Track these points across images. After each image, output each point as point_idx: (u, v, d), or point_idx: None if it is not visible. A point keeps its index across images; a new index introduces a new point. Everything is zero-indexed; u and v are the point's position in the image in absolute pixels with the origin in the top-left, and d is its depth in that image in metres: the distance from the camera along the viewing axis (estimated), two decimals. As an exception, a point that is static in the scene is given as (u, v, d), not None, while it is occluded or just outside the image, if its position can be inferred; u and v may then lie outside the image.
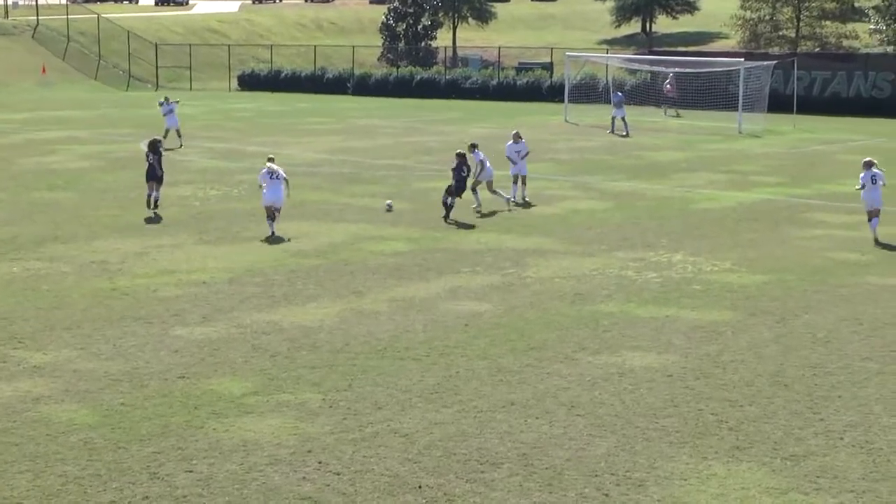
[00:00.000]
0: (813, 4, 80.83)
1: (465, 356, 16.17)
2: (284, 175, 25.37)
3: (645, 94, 60.00)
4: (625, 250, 23.78)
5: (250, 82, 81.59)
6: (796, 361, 15.98)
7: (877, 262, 22.91)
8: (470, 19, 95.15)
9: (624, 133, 48.16)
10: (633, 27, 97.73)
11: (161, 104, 43.71)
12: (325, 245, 24.13)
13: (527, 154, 30.45)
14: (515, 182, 30.24)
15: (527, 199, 30.00)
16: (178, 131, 43.03)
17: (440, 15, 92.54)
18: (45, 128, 49.56)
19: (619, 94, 51.06)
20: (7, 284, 20.26)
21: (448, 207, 27.17)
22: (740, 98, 50.94)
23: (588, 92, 59.05)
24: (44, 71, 76.62)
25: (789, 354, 16.32)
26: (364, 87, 76.02)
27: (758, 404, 14.15)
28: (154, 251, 23.29)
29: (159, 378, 15.00)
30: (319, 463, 12.19)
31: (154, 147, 28.09)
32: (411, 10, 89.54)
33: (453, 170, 27.47)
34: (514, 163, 30.22)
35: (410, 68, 78.69)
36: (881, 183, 24.95)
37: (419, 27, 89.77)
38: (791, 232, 26.13)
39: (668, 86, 57.41)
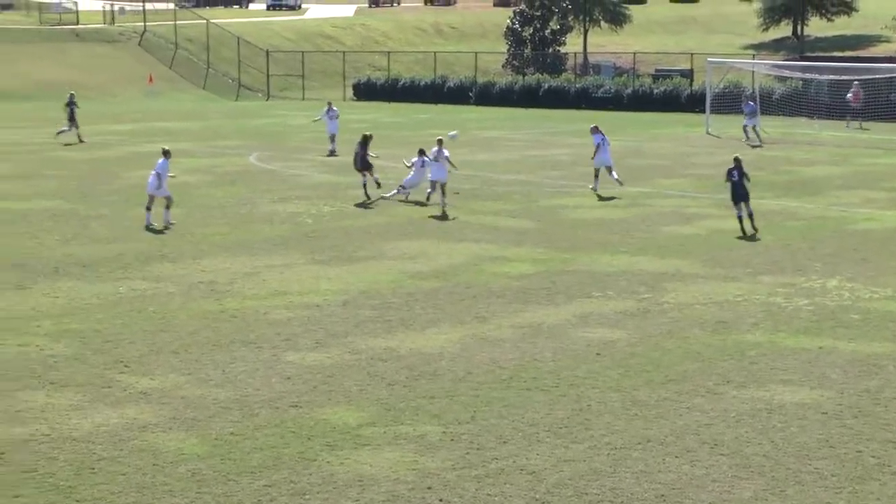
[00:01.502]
0: None
1: (597, 388, 16.12)
2: (447, 155, 31.32)
3: (796, 103, 59.17)
4: (773, 275, 23.46)
5: (366, 91, 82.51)
6: (967, 400, 15.58)
7: None
8: (602, 23, 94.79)
9: (757, 143, 48.13)
10: (783, 30, 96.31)
11: (327, 111, 46.94)
12: (444, 266, 24.28)
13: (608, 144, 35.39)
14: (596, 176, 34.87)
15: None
16: (332, 137, 46.06)
17: (570, 19, 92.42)
18: (150, 139, 50.80)
19: (752, 103, 50.80)
20: (113, 305, 20.81)
21: (740, 220, 27.93)
22: (903, 107, 49.94)
23: (732, 101, 58.40)
24: (150, 80, 78.63)
25: (959, 392, 15.92)
26: (487, 96, 76.32)
27: (923, 446, 13.83)
28: (264, 271, 23.71)
29: (270, 406, 15.26)
30: (440, 501, 12.27)
31: (365, 140, 33.60)
32: (539, 14, 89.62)
33: (728, 173, 28.31)
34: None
35: (537, 76, 78.77)
36: None
37: (547, 32, 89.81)
38: (960, 256, 25.50)
39: (850, 95, 56.56)
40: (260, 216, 30.56)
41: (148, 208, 28.89)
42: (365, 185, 33.55)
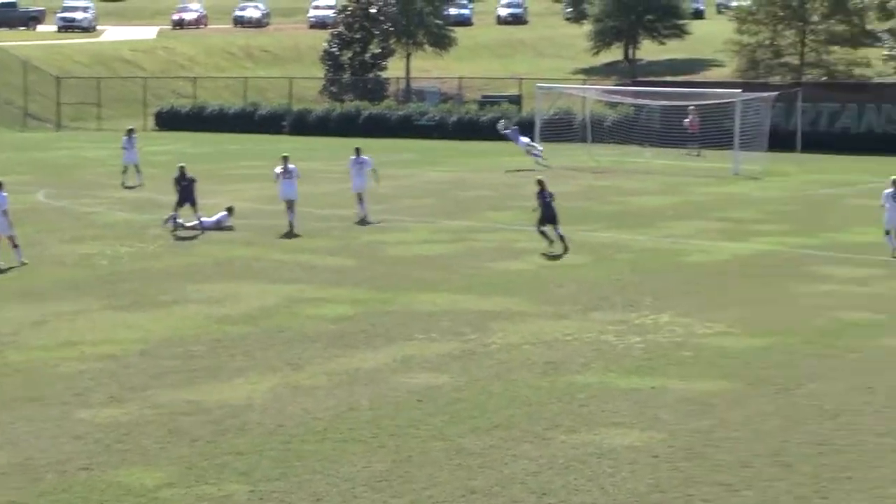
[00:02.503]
0: (819, 28, 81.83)
1: (419, 437, 16.18)
2: (298, 173, 34.86)
3: (627, 130, 60.53)
4: (604, 311, 23.91)
5: (169, 121, 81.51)
6: (800, 438, 16.12)
7: (892, 322, 23.17)
8: (426, 46, 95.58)
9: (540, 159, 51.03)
10: (615, 54, 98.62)
11: (125, 139, 46.28)
12: (255, 309, 24.13)
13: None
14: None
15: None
16: (137, 167, 45.62)
17: (392, 42, 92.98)
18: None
19: (515, 127, 54.68)
20: None
21: (544, 234, 30.73)
22: (736, 134, 51.39)
23: (562, 129, 59.49)
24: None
25: (792, 430, 16.45)
26: (303, 125, 76.16)
27: (756, 488, 14.23)
28: (53, 319, 23.22)
29: (57, 470, 14.93)
30: (246, 565, 12.15)
31: (182, 174, 34.49)
32: (358, 37, 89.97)
33: (537, 196, 31.09)
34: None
35: (356, 103, 79.03)
36: None
37: (367, 56, 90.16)
38: (794, 288, 26.40)
39: (687, 121, 58.02)
40: (49, 258, 29.93)
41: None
42: (173, 219, 34.04)
